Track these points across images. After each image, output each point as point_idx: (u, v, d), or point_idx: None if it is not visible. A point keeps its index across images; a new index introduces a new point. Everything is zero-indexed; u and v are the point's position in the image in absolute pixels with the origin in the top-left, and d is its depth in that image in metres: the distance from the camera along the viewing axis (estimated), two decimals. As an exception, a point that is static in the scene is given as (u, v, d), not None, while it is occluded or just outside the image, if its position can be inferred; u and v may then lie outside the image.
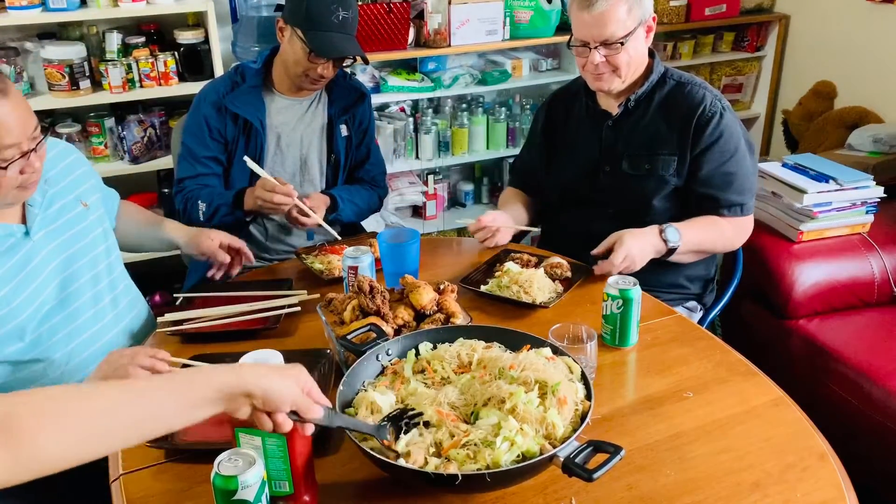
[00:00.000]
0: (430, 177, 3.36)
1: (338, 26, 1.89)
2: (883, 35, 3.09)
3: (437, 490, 1.09)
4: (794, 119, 3.39)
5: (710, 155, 1.81)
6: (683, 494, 1.12)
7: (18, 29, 2.75)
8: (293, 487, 1.05)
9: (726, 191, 1.83)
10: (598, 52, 1.78)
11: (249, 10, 2.92)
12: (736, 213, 1.85)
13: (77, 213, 1.54)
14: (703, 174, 1.82)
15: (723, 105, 1.83)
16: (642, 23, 1.79)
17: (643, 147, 1.86)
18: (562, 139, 2.02)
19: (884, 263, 2.29)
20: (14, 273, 1.41)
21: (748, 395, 1.34)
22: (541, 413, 1.09)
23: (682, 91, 1.86)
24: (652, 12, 1.82)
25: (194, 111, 2.03)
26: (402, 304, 1.48)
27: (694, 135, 1.81)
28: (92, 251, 1.55)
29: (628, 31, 1.76)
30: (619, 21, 1.75)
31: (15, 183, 1.35)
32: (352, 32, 1.93)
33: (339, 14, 1.88)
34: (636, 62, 1.83)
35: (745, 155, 1.85)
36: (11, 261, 1.41)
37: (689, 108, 1.83)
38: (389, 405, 1.15)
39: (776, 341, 2.29)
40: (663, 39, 3.50)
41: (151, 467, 1.19)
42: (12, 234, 1.42)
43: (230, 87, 2.01)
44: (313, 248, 1.90)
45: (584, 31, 1.79)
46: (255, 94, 2.01)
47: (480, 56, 3.34)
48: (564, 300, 1.63)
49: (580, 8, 1.78)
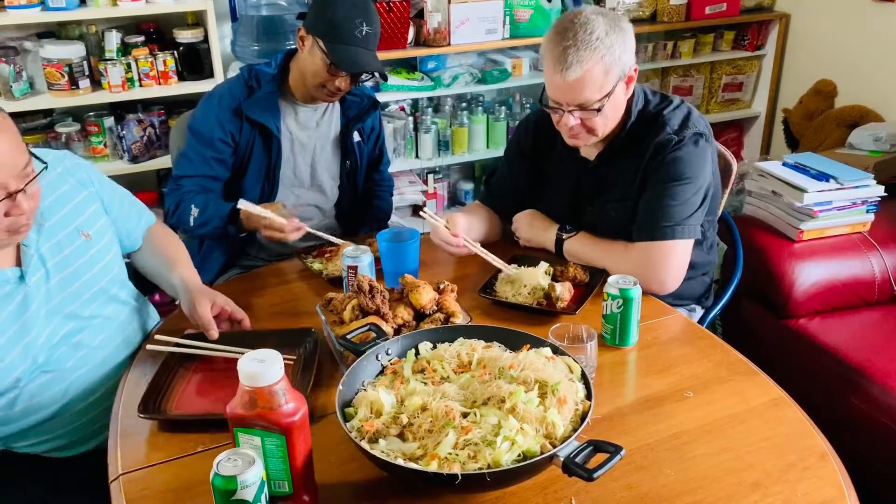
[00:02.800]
0: (429, 176, 3.36)
1: (361, 41, 1.88)
2: (883, 34, 3.09)
3: (437, 490, 1.09)
4: (794, 118, 3.39)
5: (652, 179, 1.70)
6: (683, 494, 1.12)
7: (18, 28, 2.74)
8: (292, 487, 1.05)
9: (643, 216, 1.70)
10: (573, 115, 1.66)
11: (249, 9, 2.92)
12: (643, 238, 1.69)
13: (78, 245, 1.44)
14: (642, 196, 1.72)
15: (684, 134, 1.68)
16: (621, 79, 1.65)
17: (623, 189, 1.76)
18: (548, 168, 1.92)
19: (884, 262, 2.29)
20: (9, 324, 1.32)
21: (748, 395, 1.34)
22: (541, 413, 1.09)
23: (655, 123, 1.72)
24: (633, 63, 1.66)
25: (205, 111, 1.99)
26: (401, 304, 1.48)
27: (649, 160, 1.71)
28: (97, 284, 1.46)
29: (606, 93, 1.62)
30: (595, 85, 1.61)
31: (1, 227, 1.26)
32: (373, 48, 1.93)
33: (364, 29, 1.87)
34: (614, 118, 1.70)
35: (685, 188, 1.67)
36: (5, 311, 1.32)
37: (655, 139, 1.70)
38: (391, 404, 1.15)
39: (776, 341, 2.29)
40: (663, 39, 3.50)
41: (151, 467, 1.19)
42: (7, 280, 1.33)
43: (247, 93, 1.97)
44: (313, 249, 1.90)
45: (558, 94, 1.66)
46: (272, 101, 1.99)
47: (480, 55, 3.34)
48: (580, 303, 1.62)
49: (553, 69, 1.62)
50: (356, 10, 1.87)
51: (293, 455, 1.03)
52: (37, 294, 1.36)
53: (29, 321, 1.35)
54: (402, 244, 1.68)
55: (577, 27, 1.60)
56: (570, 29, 1.60)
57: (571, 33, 1.60)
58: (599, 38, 1.59)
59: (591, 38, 1.58)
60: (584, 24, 1.60)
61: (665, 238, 1.66)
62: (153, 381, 1.37)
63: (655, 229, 1.67)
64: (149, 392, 1.33)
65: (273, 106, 1.99)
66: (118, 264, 1.55)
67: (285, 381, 1.01)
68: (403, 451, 1.07)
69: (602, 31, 1.59)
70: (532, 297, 1.62)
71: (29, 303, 1.35)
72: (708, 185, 1.73)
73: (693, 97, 3.73)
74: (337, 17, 1.86)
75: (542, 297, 1.61)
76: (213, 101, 1.99)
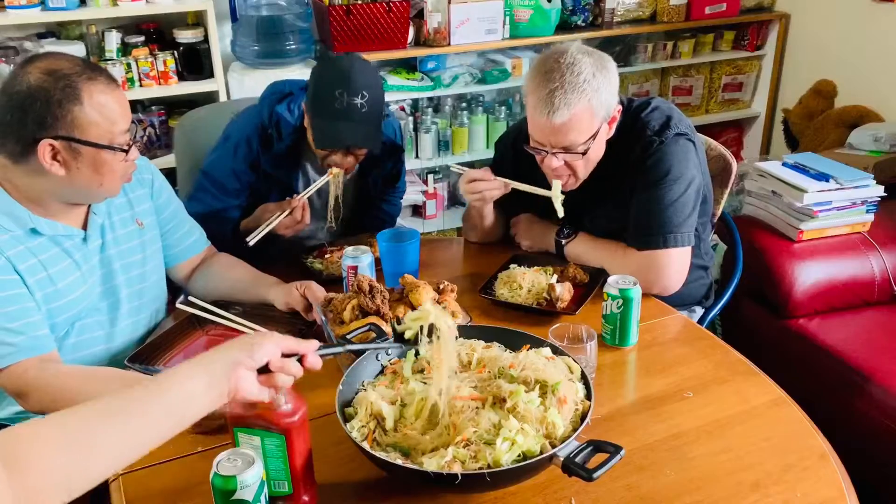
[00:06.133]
0: (429, 176, 3.36)
1: (342, 113, 1.70)
2: (883, 34, 3.09)
3: (437, 490, 1.09)
4: (794, 118, 3.39)
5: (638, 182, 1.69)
6: (683, 494, 1.12)
7: (18, 28, 2.74)
8: (292, 487, 1.05)
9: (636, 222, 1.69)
10: (557, 157, 1.63)
11: (249, 10, 2.92)
12: (639, 246, 1.67)
13: (131, 229, 1.56)
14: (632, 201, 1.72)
15: (666, 135, 1.66)
16: (606, 120, 1.63)
17: (613, 198, 1.75)
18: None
19: (884, 262, 2.29)
20: (72, 270, 1.44)
21: (748, 395, 1.34)
22: (541, 412, 1.09)
23: (635, 127, 1.70)
24: (616, 104, 1.64)
25: (221, 158, 1.88)
26: (402, 304, 1.48)
27: (633, 164, 1.70)
28: (141, 268, 1.58)
29: (590, 134, 1.60)
30: (582, 128, 1.58)
31: (124, 172, 1.42)
32: (360, 119, 1.72)
33: (345, 100, 1.69)
34: (596, 158, 1.68)
35: (673, 188, 1.65)
36: (67, 260, 1.44)
37: (637, 143, 1.69)
38: (389, 411, 1.15)
39: (776, 341, 2.28)
40: (663, 39, 3.51)
41: (151, 467, 1.19)
42: (73, 236, 1.45)
43: (265, 144, 1.85)
44: (313, 249, 1.90)
45: (542, 136, 1.62)
46: (293, 157, 1.88)
47: (480, 55, 3.34)
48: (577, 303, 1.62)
49: (539, 112, 1.57)
50: (337, 80, 1.70)
51: (293, 455, 1.03)
52: (92, 258, 1.49)
53: (84, 275, 1.47)
54: (402, 244, 1.68)
55: (563, 68, 1.56)
56: (557, 70, 1.56)
57: (558, 74, 1.56)
58: (587, 80, 1.56)
59: (578, 80, 1.55)
60: (571, 66, 1.56)
61: (659, 247, 1.65)
62: (157, 338, 1.51)
63: (650, 237, 1.66)
64: (147, 347, 1.48)
65: (294, 163, 1.90)
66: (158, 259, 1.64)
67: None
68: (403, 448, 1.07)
69: (589, 72, 1.56)
70: (532, 297, 1.62)
71: (84, 262, 1.47)
72: (698, 185, 1.71)
73: (693, 97, 3.73)
74: (316, 88, 1.74)
75: (543, 298, 1.62)
76: (230, 149, 1.87)
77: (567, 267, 1.72)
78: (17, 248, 1.37)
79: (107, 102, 1.34)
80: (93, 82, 1.32)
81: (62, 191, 1.38)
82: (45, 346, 1.37)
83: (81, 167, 1.34)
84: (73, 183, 1.36)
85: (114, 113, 1.34)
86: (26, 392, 1.33)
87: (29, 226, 1.38)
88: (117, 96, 1.36)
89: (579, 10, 3.29)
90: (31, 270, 1.38)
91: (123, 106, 1.38)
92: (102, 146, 1.34)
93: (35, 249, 1.39)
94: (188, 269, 1.72)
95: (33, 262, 1.38)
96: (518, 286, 1.63)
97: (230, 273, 1.71)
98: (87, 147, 1.33)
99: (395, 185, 2.14)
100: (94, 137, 1.33)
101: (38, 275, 1.39)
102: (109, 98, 1.34)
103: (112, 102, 1.35)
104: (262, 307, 1.61)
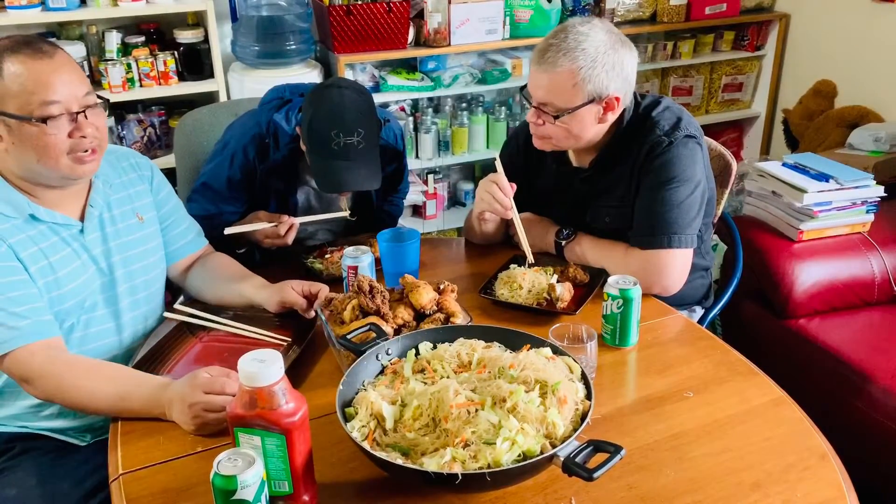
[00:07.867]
0: (430, 176, 3.36)
1: (339, 154, 1.67)
2: (883, 34, 3.09)
3: (437, 490, 1.09)
4: (794, 118, 3.39)
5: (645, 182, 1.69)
6: (683, 494, 1.12)
7: (18, 28, 2.74)
8: (293, 487, 1.05)
9: (640, 222, 1.68)
10: (535, 111, 1.64)
11: (249, 10, 2.92)
12: (643, 245, 1.67)
13: (131, 223, 1.56)
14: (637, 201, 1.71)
15: (675, 136, 1.66)
16: (595, 100, 1.60)
17: (618, 194, 1.74)
18: (540, 181, 1.89)
19: (884, 263, 2.29)
20: (71, 259, 1.45)
21: (748, 395, 1.34)
22: (541, 412, 1.09)
23: (644, 124, 1.70)
24: (615, 92, 1.60)
25: (219, 167, 1.87)
26: (401, 304, 1.48)
27: (640, 163, 1.70)
28: (139, 262, 1.57)
29: (568, 105, 1.58)
30: (559, 91, 1.58)
31: (64, 147, 1.35)
32: (357, 156, 1.69)
33: (341, 140, 1.66)
34: (575, 136, 1.66)
35: (678, 190, 1.65)
36: (66, 249, 1.44)
37: (645, 141, 1.69)
38: (389, 411, 1.15)
39: (776, 341, 2.29)
40: (663, 39, 3.51)
41: (151, 467, 1.19)
42: (70, 226, 1.46)
43: (263, 152, 1.84)
44: (313, 249, 1.90)
45: (530, 83, 1.65)
46: (290, 167, 1.86)
47: (480, 55, 3.34)
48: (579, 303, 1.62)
49: (533, 58, 1.61)
50: (331, 119, 1.67)
51: (293, 455, 1.03)
52: (89, 250, 1.49)
53: (81, 267, 1.47)
54: (403, 244, 1.68)
55: (573, 32, 1.58)
56: (567, 31, 1.59)
57: (563, 35, 1.59)
58: (585, 51, 1.56)
59: (576, 48, 1.56)
60: (580, 33, 1.58)
61: (662, 247, 1.65)
62: (157, 345, 1.50)
63: (653, 237, 1.65)
64: (148, 355, 1.47)
65: (291, 173, 1.88)
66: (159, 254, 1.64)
67: (285, 381, 1.02)
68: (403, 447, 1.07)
69: (593, 45, 1.57)
70: (532, 297, 1.62)
71: (81, 253, 1.47)
72: (703, 188, 1.72)
73: (693, 97, 3.73)
74: (311, 124, 1.70)
75: (543, 298, 1.62)
76: (227, 158, 1.86)
77: (567, 267, 1.72)
78: (19, 237, 1.38)
79: (22, 72, 1.30)
80: (14, 55, 1.30)
81: (22, 169, 1.38)
82: (49, 331, 1.37)
83: (16, 141, 1.33)
84: (18, 159, 1.35)
85: (32, 83, 1.30)
86: (32, 378, 1.33)
87: (28, 212, 1.39)
88: (40, 66, 1.31)
89: (579, 11, 3.30)
90: (33, 258, 1.39)
91: (47, 75, 1.31)
92: (21, 118, 1.31)
93: (36, 238, 1.40)
94: (184, 267, 1.71)
95: (34, 251, 1.39)
96: (518, 286, 1.63)
97: (220, 272, 1.69)
98: (12, 119, 1.31)
99: (396, 188, 2.14)
100: (15, 109, 1.31)
101: (39, 263, 1.39)
102: (27, 68, 1.30)
103: (29, 72, 1.30)
104: (252, 309, 1.60)
